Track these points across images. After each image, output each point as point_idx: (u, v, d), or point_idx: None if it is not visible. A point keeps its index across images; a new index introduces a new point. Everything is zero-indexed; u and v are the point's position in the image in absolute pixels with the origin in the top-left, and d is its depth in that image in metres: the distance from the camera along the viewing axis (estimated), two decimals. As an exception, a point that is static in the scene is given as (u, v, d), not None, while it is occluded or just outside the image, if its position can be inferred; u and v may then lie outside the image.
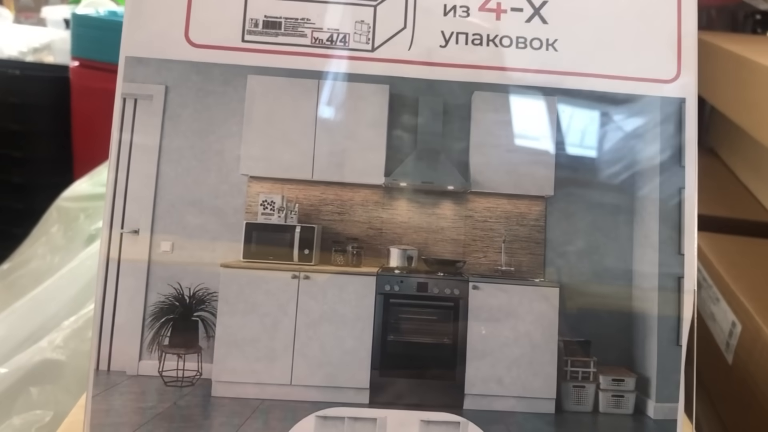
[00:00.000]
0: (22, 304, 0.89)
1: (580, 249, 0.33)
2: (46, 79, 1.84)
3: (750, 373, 0.64)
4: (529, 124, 0.33)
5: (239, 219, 0.33)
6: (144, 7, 0.33)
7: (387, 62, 0.33)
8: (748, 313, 0.66)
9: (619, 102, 0.34)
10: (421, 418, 0.32)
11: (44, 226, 1.31)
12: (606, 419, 0.33)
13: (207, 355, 0.32)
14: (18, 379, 0.77)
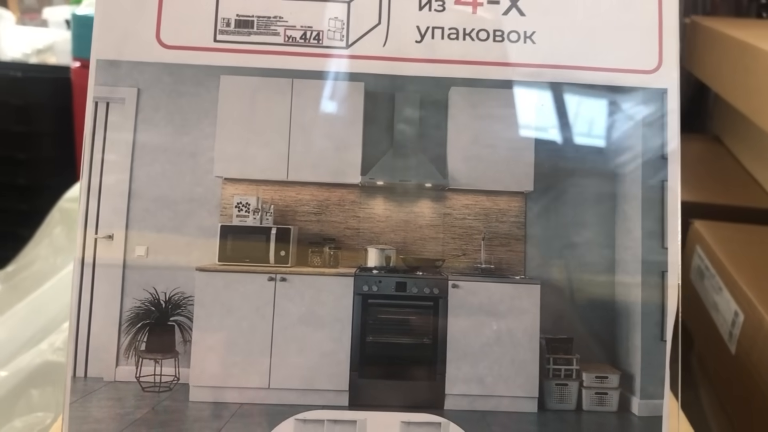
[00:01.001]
0: (22, 307, 0.90)
1: (561, 245, 0.33)
2: (48, 80, 1.85)
3: (753, 363, 0.64)
4: (508, 119, 0.33)
5: (214, 221, 0.33)
6: (114, 9, 0.32)
7: (362, 59, 0.33)
8: (751, 303, 0.65)
9: (600, 94, 0.33)
10: (402, 420, 0.32)
11: (47, 228, 1.32)
12: (590, 417, 0.32)
13: (184, 360, 0.32)
14: (19, 382, 0.78)
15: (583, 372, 0.33)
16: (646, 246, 0.32)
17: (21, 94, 1.82)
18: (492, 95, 0.33)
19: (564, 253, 0.33)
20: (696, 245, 0.85)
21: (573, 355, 0.33)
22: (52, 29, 2.19)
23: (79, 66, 1.76)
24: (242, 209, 0.33)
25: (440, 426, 0.32)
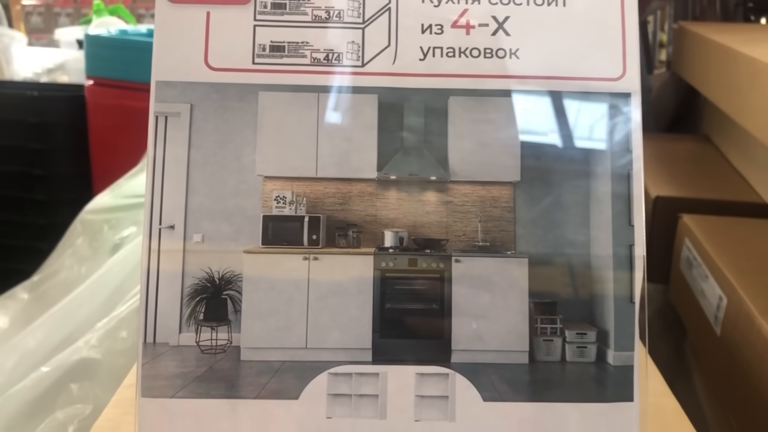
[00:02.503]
0: (56, 310, 0.95)
1: (544, 225, 0.39)
2: (63, 98, 1.88)
3: (735, 343, 0.68)
4: (498, 122, 0.39)
5: (257, 213, 0.39)
6: (170, 39, 0.39)
7: (375, 75, 0.39)
8: (733, 287, 0.70)
9: (575, 99, 0.39)
10: (416, 372, 0.38)
11: (70, 239, 1.34)
12: (572, 367, 0.39)
13: (235, 327, 0.38)
14: (59, 377, 0.82)
15: (565, 330, 0.39)
16: (615, 224, 0.38)
17: (37, 112, 1.85)
18: (484, 102, 0.40)
19: (547, 232, 0.39)
20: (685, 238, 0.89)
21: (557, 315, 0.39)
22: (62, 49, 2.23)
23: (93, 84, 1.80)
24: (280, 201, 0.40)
25: (448, 376, 0.38)
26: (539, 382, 0.38)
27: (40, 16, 4.61)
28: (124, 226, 1.24)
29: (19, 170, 1.86)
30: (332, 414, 0.38)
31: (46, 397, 0.81)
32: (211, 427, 0.37)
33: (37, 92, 1.86)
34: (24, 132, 1.84)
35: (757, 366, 0.63)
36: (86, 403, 0.81)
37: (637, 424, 0.38)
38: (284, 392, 0.38)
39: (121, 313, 0.89)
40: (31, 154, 1.85)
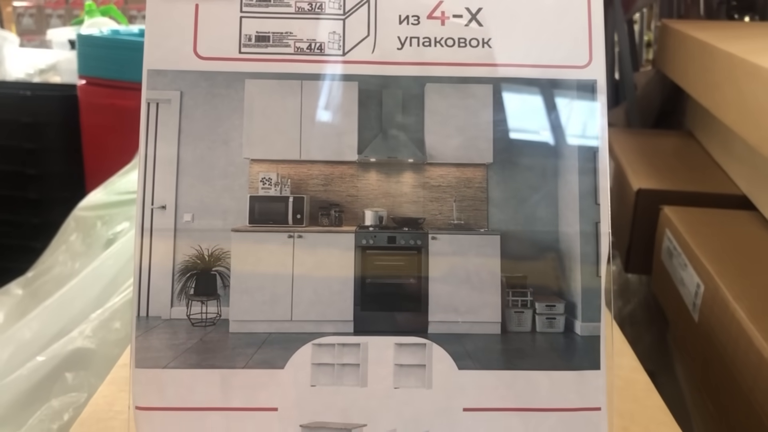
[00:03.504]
0: (51, 303, 0.96)
1: (515, 204, 0.41)
2: (56, 98, 1.89)
3: (712, 328, 0.71)
4: (472, 107, 0.42)
5: (244, 193, 0.41)
6: (160, 30, 0.41)
7: (355, 63, 0.42)
8: (710, 274, 0.72)
9: (544, 85, 0.42)
10: (395, 342, 0.40)
11: (63, 236, 1.35)
12: (542, 336, 0.41)
13: (224, 301, 0.40)
14: (54, 366, 0.84)
15: (535, 302, 0.41)
16: (582, 203, 0.41)
17: (30, 112, 1.86)
18: (459, 89, 0.42)
19: (518, 211, 0.41)
20: (666, 229, 0.91)
21: (527, 289, 0.41)
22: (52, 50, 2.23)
23: (85, 83, 1.81)
24: (266, 183, 0.42)
25: (425, 346, 0.40)
26: (511, 352, 0.40)
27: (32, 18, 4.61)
28: (117, 221, 1.25)
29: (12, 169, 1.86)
30: (316, 382, 0.40)
31: (42, 385, 0.83)
32: (201, 396, 0.40)
33: (30, 92, 1.86)
34: (17, 131, 1.84)
35: (731, 349, 0.65)
36: (81, 392, 0.83)
37: (604, 390, 0.40)
38: (271, 362, 0.40)
39: (115, 305, 0.90)
40: (24, 153, 1.86)
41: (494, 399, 0.40)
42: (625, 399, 0.50)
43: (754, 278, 0.71)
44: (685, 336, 0.84)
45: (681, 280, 0.84)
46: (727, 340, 0.67)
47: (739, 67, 0.88)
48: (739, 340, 0.64)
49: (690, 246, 0.81)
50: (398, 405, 0.40)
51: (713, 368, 0.69)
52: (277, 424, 0.39)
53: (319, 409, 0.40)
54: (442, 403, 0.40)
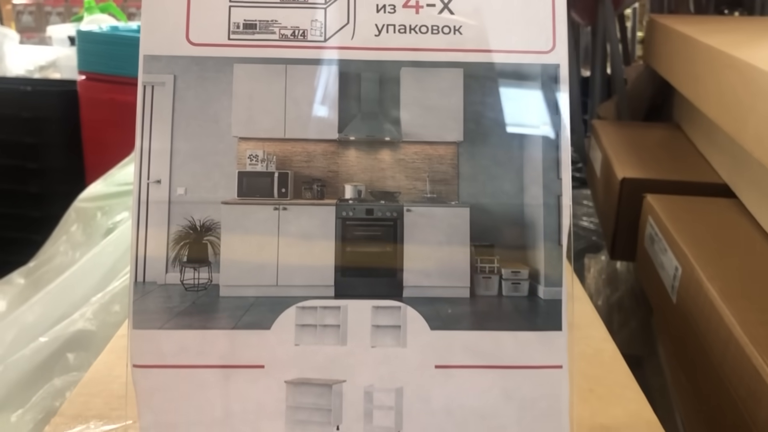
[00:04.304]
0: (53, 288, 1.00)
1: (483, 179, 0.45)
2: (56, 93, 1.91)
3: (688, 308, 0.73)
4: (444, 90, 0.45)
5: (233, 169, 0.44)
6: (155, 19, 0.44)
7: (336, 49, 0.45)
8: (687, 257, 0.74)
9: (510, 69, 0.45)
10: (373, 305, 0.43)
11: (64, 227, 1.37)
12: (507, 300, 0.44)
13: (215, 267, 0.43)
14: (57, 348, 0.88)
15: (502, 268, 0.44)
16: (545, 177, 0.44)
17: (31, 107, 1.88)
18: (432, 73, 0.45)
19: (486, 185, 0.44)
20: (648, 216, 0.94)
21: (494, 256, 0.44)
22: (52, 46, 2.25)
23: (85, 79, 1.84)
24: (253, 159, 0.45)
25: (400, 309, 0.44)
26: (479, 314, 0.44)
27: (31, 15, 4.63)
28: (116, 212, 1.28)
29: (13, 164, 1.89)
30: (300, 341, 0.43)
31: (45, 365, 0.87)
32: (194, 354, 0.43)
33: (31, 87, 1.89)
34: (18, 127, 1.87)
35: (704, 326, 0.68)
36: (81, 371, 0.86)
37: (565, 349, 0.44)
38: (258, 323, 0.43)
39: (115, 289, 0.94)
40: (24, 148, 1.88)
41: (463, 357, 0.43)
42: (593, 364, 0.53)
43: (728, 260, 0.74)
44: (665, 317, 0.86)
45: (661, 264, 0.86)
46: (701, 318, 0.69)
47: (719, 59, 0.90)
48: (711, 317, 0.66)
49: (670, 231, 0.83)
50: (375, 362, 0.43)
51: (688, 345, 0.71)
52: (264, 379, 0.43)
53: (302, 366, 0.43)
54: (416, 360, 0.43)
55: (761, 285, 0.69)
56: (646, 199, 0.96)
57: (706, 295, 0.68)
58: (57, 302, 0.95)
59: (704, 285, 0.69)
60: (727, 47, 0.89)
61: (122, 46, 1.77)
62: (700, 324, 0.69)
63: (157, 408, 0.43)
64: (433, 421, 0.43)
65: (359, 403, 0.43)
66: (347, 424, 0.43)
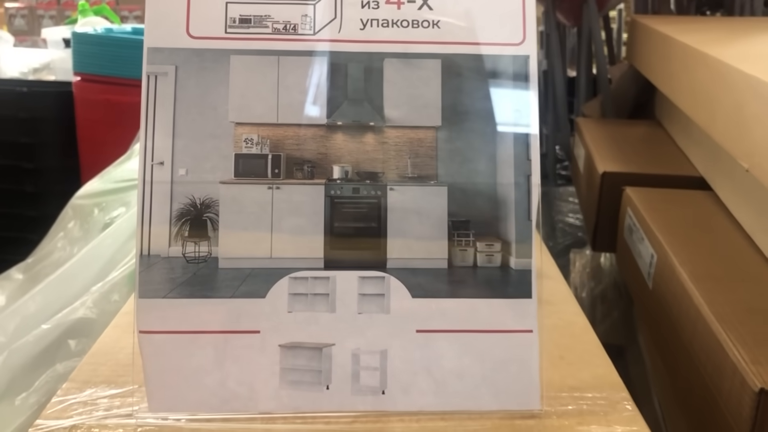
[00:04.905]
0: (54, 278, 1.02)
1: (459, 161, 0.48)
2: (51, 94, 1.93)
3: (662, 294, 0.76)
4: (423, 79, 0.49)
5: (230, 151, 0.48)
6: (158, 14, 0.48)
7: (324, 42, 0.49)
8: (661, 244, 0.78)
9: (484, 59, 0.49)
10: (359, 275, 0.47)
11: (61, 223, 1.38)
12: (482, 270, 0.48)
13: (214, 242, 0.47)
14: (59, 334, 0.90)
15: (476, 242, 0.48)
16: (516, 159, 0.48)
17: (27, 108, 1.89)
18: (413, 63, 0.49)
19: (462, 166, 0.49)
20: (627, 208, 0.98)
21: (470, 231, 0.48)
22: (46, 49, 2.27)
23: (80, 80, 1.86)
24: (248, 143, 0.49)
25: (384, 278, 0.48)
26: (456, 283, 0.48)
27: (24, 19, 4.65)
28: (113, 207, 1.30)
29: (9, 164, 1.91)
30: (292, 309, 0.47)
31: (47, 351, 0.89)
32: (195, 321, 0.47)
33: (27, 89, 1.91)
34: (14, 127, 1.88)
35: (676, 308, 0.72)
36: (83, 357, 0.89)
37: (535, 316, 0.48)
38: (254, 292, 0.47)
39: (114, 279, 0.97)
40: (21, 148, 1.90)
41: (442, 322, 0.47)
42: (564, 335, 0.57)
43: (699, 247, 0.77)
44: (643, 303, 0.89)
45: (639, 253, 0.90)
46: (673, 300, 0.72)
47: (692, 57, 0.94)
48: (682, 299, 0.70)
49: (646, 221, 0.86)
50: (361, 327, 0.47)
51: (663, 327, 0.75)
52: (260, 344, 0.47)
53: (294, 331, 0.47)
54: (398, 325, 0.47)
55: (728, 268, 0.73)
56: (626, 192, 0.99)
57: (678, 278, 0.71)
58: (58, 292, 0.98)
59: (676, 269, 0.72)
60: (699, 45, 0.93)
61: (116, 48, 1.80)
62: (672, 306, 0.73)
63: (161, 370, 0.47)
64: (415, 381, 0.47)
65: (347, 364, 0.47)
66: (336, 384, 0.47)
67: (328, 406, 0.46)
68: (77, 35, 1.82)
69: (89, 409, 0.47)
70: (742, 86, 0.73)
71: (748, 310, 0.63)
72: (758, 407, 0.51)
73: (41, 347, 0.89)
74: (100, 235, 1.10)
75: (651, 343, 0.88)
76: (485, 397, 0.47)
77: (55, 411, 0.47)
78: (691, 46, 0.95)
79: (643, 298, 0.87)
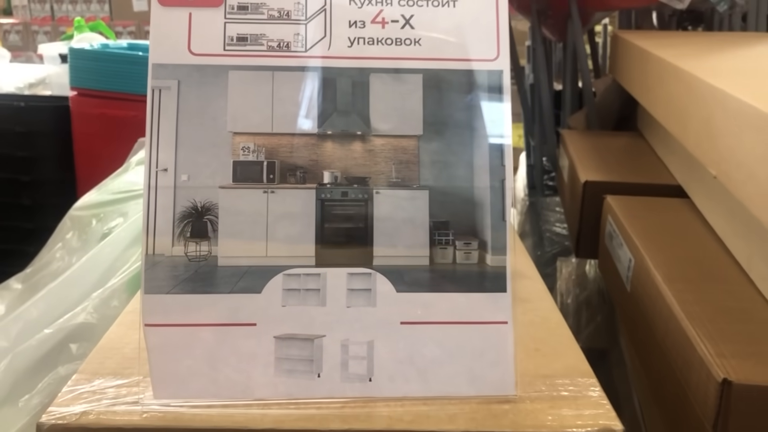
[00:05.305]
0: (55, 285, 1.05)
1: (439, 167, 0.52)
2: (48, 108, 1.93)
3: (638, 294, 0.78)
4: (406, 92, 0.53)
5: (228, 159, 0.51)
6: (162, 33, 0.52)
7: (315, 58, 0.52)
8: (638, 249, 0.81)
9: (462, 74, 0.53)
10: (348, 272, 0.51)
11: (59, 234, 1.39)
12: (461, 267, 0.51)
13: (214, 242, 0.50)
14: (60, 339, 0.93)
15: (456, 240, 0.51)
16: (491, 164, 0.52)
17: (24, 122, 1.90)
18: (397, 78, 0.53)
19: (442, 171, 0.53)
20: (608, 215, 1.01)
21: (449, 230, 0.51)
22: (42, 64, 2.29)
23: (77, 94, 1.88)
24: (245, 150, 0.52)
25: (371, 275, 0.51)
26: (437, 279, 0.52)
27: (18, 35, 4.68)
28: (111, 218, 1.32)
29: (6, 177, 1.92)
30: (286, 303, 0.50)
31: (50, 355, 0.92)
32: (196, 314, 0.51)
33: (24, 103, 1.92)
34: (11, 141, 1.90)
35: (651, 308, 0.75)
36: (84, 360, 0.92)
37: (509, 308, 0.52)
38: (251, 288, 0.50)
39: (114, 285, 1.00)
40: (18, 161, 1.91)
41: (424, 314, 0.51)
42: (539, 329, 0.61)
43: (674, 251, 0.80)
44: (622, 305, 0.93)
45: (618, 258, 0.93)
46: (648, 301, 0.75)
47: (666, 70, 0.99)
48: (657, 300, 0.73)
49: (625, 227, 0.89)
50: (350, 320, 0.51)
51: (639, 327, 0.78)
52: (256, 335, 0.51)
53: (288, 323, 0.51)
54: (384, 318, 0.50)
55: (699, 270, 0.77)
56: (606, 200, 1.01)
57: (653, 281, 0.74)
58: (60, 298, 1.00)
59: (651, 272, 0.75)
60: (674, 59, 0.97)
61: (112, 63, 1.82)
62: (648, 307, 0.76)
63: (165, 360, 0.50)
64: (399, 369, 0.51)
65: (337, 354, 0.50)
66: (327, 372, 0.51)
67: (320, 393, 0.49)
68: (74, 51, 1.85)
69: (98, 397, 0.51)
70: (710, 99, 0.77)
71: (717, 308, 0.66)
72: (722, 396, 0.54)
73: (44, 351, 0.92)
74: (100, 244, 1.13)
75: (630, 343, 0.91)
76: (464, 384, 0.51)
77: (66, 399, 0.50)
78: (666, 60, 1.00)
79: (622, 300, 0.90)
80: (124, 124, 1.71)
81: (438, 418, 0.49)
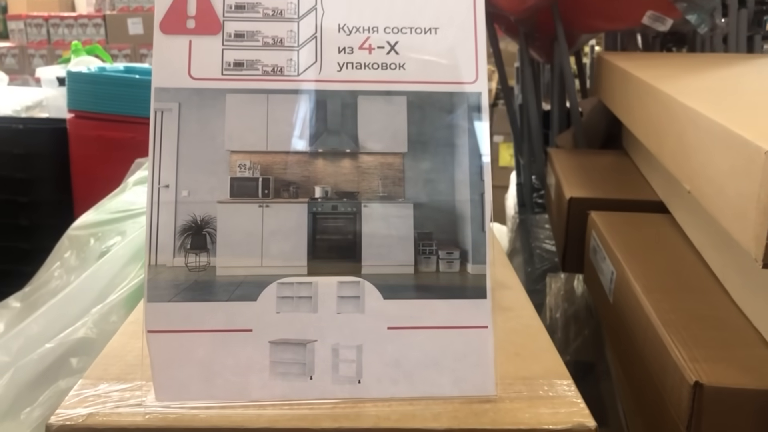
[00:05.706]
0: (56, 302, 1.08)
1: (423, 181, 0.56)
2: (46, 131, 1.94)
3: (620, 305, 0.81)
4: (391, 112, 0.57)
5: (226, 176, 0.53)
6: (164, 59, 0.56)
7: (307, 82, 0.56)
8: (620, 262, 0.83)
9: (443, 96, 0.57)
10: (338, 281, 0.53)
11: (58, 253, 1.39)
12: (443, 274, 0.54)
13: (212, 253, 0.53)
14: (61, 353, 0.95)
15: (438, 250, 0.54)
16: (471, 179, 0.55)
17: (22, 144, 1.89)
18: (383, 99, 0.57)
19: (425, 186, 0.56)
20: (592, 230, 1.04)
21: (432, 241, 0.54)
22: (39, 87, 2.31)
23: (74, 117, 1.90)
24: (242, 167, 0.55)
25: (359, 283, 0.54)
26: (421, 286, 0.53)
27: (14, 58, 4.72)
28: (109, 237, 1.34)
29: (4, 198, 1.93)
30: (280, 310, 0.53)
31: (51, 369, 0.94)
32: (196, 321, 0.54)
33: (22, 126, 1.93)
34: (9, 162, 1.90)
35: (631, 318, 0.77)
36: (84, 374, 0.94)
37: (489, 313, 0.55)
38: (247, 296, 0.52)
39: (113, 301, 1.03)
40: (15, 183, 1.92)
41: (410, 320, 0.54)
42: (519, 335, 0.64)
43: (653, 263, 0.83)
44: (605, 317, 0.96)
45: (601, 271, 0.96)
46: (629, 311, 0.77)
47: (644, 90, 1.03)
48: (636, 309, 0.76)
49: (608, 242, 0.93)
50: (340, 325, 0.53)
51: (621, 337, 0.81)
52: (252, 340, 0.54)
53: (282, 329, 0.53)
54: (372, 323, 0.52)
55: (677, 280, 0.80)
56: (591, 216, 1.04)
57: (632, 291, 0.77)
58: (60, 314, 1.03)
59: (632, 283, 0.78)
60: (652, 80, 1.01)
61: (110, 86, 1.84)
62: (628, 317, 0.79)
63: (166, 364, 0.54)
64: (386, 371, 0.54)
65: (328, 358, 0.51)
66: (318, 375, 0.54)
67: (312, 394, 0.51)
68: (72, 74, 1.87)
69: (103, 400, 0.54)
70: (683, 117, 0.81)
71: (692, 316, 0.69)
72: (694, 398, 0.57)
73: (45, 365, 0.94)
74: (98, 261, 1.16)
75: (614, 353, 0.94)
76: (447, 385, 0.54)
77: (72, 402, 0.53)
78: (645, 81, 1.04)
79: (606, 311, 0.93)
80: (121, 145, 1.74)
81: (423, 417, 0.52)
